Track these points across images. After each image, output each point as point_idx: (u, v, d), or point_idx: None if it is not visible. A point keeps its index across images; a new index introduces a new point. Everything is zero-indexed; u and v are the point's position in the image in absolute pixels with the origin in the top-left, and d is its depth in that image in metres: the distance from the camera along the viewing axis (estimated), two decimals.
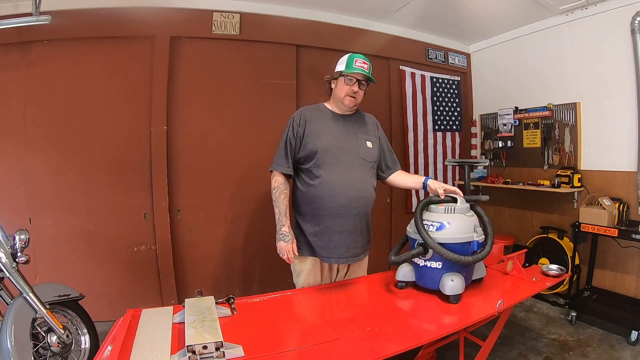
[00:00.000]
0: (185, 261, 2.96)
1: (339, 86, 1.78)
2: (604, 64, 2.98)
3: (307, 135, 1.76)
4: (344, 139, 1.78)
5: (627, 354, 2.37)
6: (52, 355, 1.78)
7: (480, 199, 1.77)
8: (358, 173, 1.77)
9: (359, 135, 1.83)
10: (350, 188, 1.73)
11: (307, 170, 1.77)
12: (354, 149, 1.78)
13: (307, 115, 1.81)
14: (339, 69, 1.78)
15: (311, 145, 1.74)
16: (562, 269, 1.93)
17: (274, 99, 3.07)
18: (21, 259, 1.73)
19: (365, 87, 1.79)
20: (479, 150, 4.19)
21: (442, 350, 2.19)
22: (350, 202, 1.73)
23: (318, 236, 1.76)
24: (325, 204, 1.72)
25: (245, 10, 3.02)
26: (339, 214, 1.72)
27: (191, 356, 1.07)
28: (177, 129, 2.89)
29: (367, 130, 1.89)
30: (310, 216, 1.77)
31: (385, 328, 1.35)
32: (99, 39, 2.71)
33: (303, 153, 1.76)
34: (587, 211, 2.90)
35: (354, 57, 1.76)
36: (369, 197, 1.81)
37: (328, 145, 1.73)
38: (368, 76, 1.75)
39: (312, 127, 1.77)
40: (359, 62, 1.74)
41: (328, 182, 1.71)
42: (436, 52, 3.98)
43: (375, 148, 1.86)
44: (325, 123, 1.80)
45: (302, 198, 1.79)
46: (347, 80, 1.75)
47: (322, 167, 1.72)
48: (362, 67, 1.73)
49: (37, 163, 2.63)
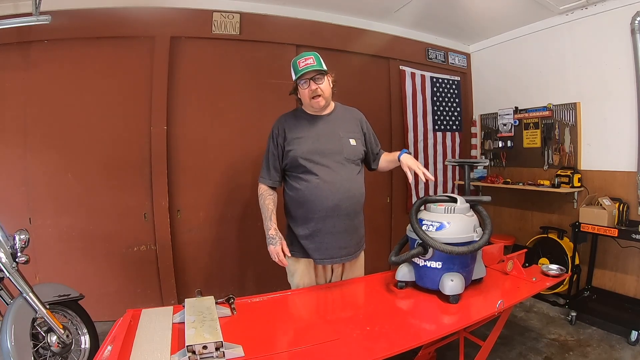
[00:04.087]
0: (185, 261, 2.96)
1: (300, 93, 1.78)
2: (603, 64, 2.98)
3: (289, 144, 1.76)
4: (326, 141, 1.76)
5: (627, 354, 2.37)
6: (52, 355, 1.78)
7: (482, 199, 1.75)
8: (344, 173, 1.76)
9: (341, 134, 1.80)
10: (337, 189, 1.72)
11: (294, 176, 1.78)
12: (337, 150, 1.76)
13: (285, 124, 1.81)
14: (293, 78, 1.76)
15: (293, 153, 1.74)
16: (562, 269, 1.93)
17: (273, 99, 3.07)
18: (21, 259, 1.73)
19: (322, 79, 1.74)
20: (479, 150, 4.20)
21: (442, 350, 2.19)
22: (339, 204, 1.72)
23: (310, 239, 1.76)
24: (314, 207, 1.72)
25: (245, 10, 3.02)
26: (328, 216, 1.72)
27: (191, 356, 1.07)
28: (177, 129, 2.89)
29: (350, 127, 1.86)
30: (301, 219, 1.77)
31: (385, 328, 1.35)
32: (99, 39, 2.71)
33: (287, 161, 1.77)
34: (587, 211, 2.90)
35: (297, 60, 1.74)
36: (357, 195, 1.80)
37: (310, 151, 1.73)
38: (316, 69, 1.70)
39: (291, 135, 1.77)
40: (302, 62, 1.71)
41: (315, 185, 1.71)
42: (436, 52, 3.98)
43: (359, 145, 1.85)
44: (305, 128, 1.79)
45: (292, 202, 1.80)
46: (302, 85, 1.74)
47: (307, 172, 1.72)
48: (306, 64, 1.70)
49: (37, 163, 2.63)
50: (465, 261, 1.59)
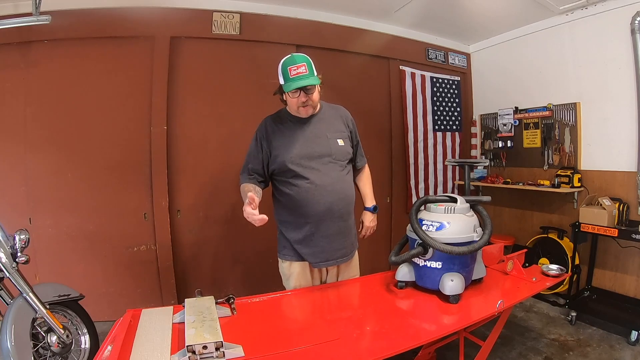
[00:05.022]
0: (185, 261, 2.96)
1: (288, 99, 1.68)
2: (604, 64, 2.98)
3: (275, 149, 1.70)
4: (313, 144, 1.71)
5: (627, 354, 2.37)
6: (52, 355, 1.78)
7: (482, 199, 1.75)
8: (334, 175, 1.72)
9: (328, 135, 1.74)
10: (328, 192, 1.69)
11: (283, 181, 1.72)
12: (325, 152, 1.71)
13: (270, 128, 1.74)
14: (281, 82, 1.65)
15: (280, 158, 1.68)
16: (562, 269, 1.93)
17: (273, 99, 3.03)
18: (21, 259, 1.73)
19: (313, 89, 1.64)
20: (479, 150, 4.19)
21: (442, 350, 2.19)
22: (331, 206, 1.70)
23: (304, 243, 1.73)
24: (306, 212, 1.68)
25: (245, 10, 3.02)
26: (321, 219, 1.70)
27: (191, 356, 1.07)
28: (177, 129, 2.89)
29: (337, 126, 1.80)
30: (293, 224, 1.74)
31: (385, 328, 1.35)
32: (99, 39, 2.71)
33: (275, 166, 1.71)
34: (587, 211, 2.90)
35: (288, 65, 1.59)
36: (349, 196, 1.78)
37: (297, 155, 1.67)
38: (308, 85, 1.58)
39: (277, 140, 1.71)
40: (293, 70, 1.57)
41: (306, 190, 1.67)
42: (436, 52, 3.98)
43: (347, 144, 1.80)
44: (290, 132, 1.72)
45: (283, 208, 1.76)
46: (291, 93, 1.63)
47: (296, 176, 1.67)
48: (298, 74, 1.57)
49: (37, 163, 2.63)
50: (465, 261, 1.59)
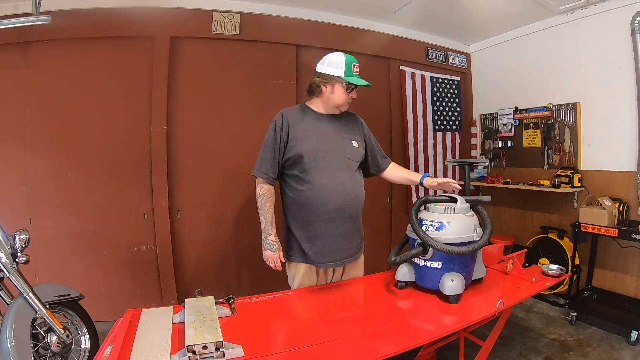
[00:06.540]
0: (185, 261, 2.96)
1: (338, 92, 1.71)
2: (604, 64, 2.98)
3: (292, 139, 1.69)
4: (330, 140, 1.73)
5: (627, 354, 2.37)
6: (52, 355, 1.78)
7: (482, 199, 1.75)
8: (347, 175, 1.73)
9: (344, 135, 1.78)
10: (340, 191, 1.69)
11: (294, 176, 1.72)
12: (340, 150, 1.74)
13: (290, 118, 1.73)
14: (336, 74, 1.68)
15: (296, 150, 1.68)
16: (562, 269, 1.93)
17: (274, 99, 3.06)
18: (21, 259, 1.73)
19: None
20: (479, 150, 4.19)
21: (442, 350, 2.19)
22: (342, 205, 1.70)
23: (311, 242, 1.73)
24: (316, 210, 1.68)
25: (245, 10, 3.02)
26: (331, 218, 1.69)
27: (191, 356, 1.07)
28: (177, 129, 2.89)
29: (352, 129, 1.84)
30: (302, 222, 1.73)
31: (385, 328, 1.35)
32: (99, 39, 2.70)
33: (288, 158, 1.70)
34: (587, 211, 2.90)
35: (352, 61, 1.70)
36: (359, 197, 1.79)
37: (314, 149, 1.68)
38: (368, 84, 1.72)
39: (296, 130, 1.71)
40: (356, 67, 1.71)
41: (318, 186, 1.67)
42: (436, 52, 3.98)
43: (360, 147, 1.83)
44: (310, 125, 1.74)
45: (292, 204, 1.75)
46: (348, 89, 1.71)
47: (309, 171, 1.67)
48: (357, 73, 1.72)
49: (37, 163, 2.63)
50: (465, 261, 1.59)
